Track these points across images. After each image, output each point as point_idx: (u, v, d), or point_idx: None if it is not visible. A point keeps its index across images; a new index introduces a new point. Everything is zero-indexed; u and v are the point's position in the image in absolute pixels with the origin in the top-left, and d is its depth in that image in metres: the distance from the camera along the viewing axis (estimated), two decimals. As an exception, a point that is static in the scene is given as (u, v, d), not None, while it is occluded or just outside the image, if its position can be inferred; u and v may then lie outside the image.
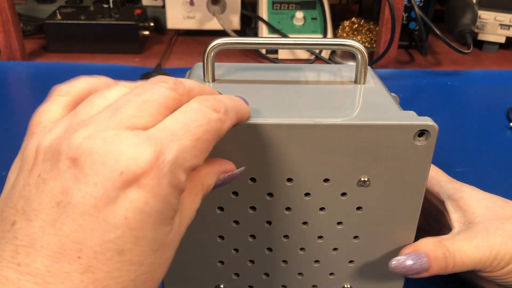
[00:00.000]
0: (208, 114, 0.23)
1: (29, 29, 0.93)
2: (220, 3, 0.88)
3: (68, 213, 0.20)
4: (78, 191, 0.20)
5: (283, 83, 0.37)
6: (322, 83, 0.38)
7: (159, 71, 0.79)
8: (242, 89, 0.36)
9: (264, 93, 0.36)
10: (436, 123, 0.30)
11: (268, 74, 0.40)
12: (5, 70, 0.80)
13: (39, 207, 0.20)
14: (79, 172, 0.20)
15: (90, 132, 0.21)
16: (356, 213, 0.33)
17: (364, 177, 0.32)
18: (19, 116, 0.69)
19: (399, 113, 0.32)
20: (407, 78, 0.81)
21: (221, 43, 0.35)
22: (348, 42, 0.36)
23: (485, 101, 0.77)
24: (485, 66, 0.89)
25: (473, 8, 0.84)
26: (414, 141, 0.30)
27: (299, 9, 0.89)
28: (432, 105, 0.74)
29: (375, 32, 0.89)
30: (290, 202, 0.33)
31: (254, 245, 0.35)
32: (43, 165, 0.21)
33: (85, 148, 0.20)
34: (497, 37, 0.92)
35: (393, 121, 0.30)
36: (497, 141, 0.65)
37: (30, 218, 0.20)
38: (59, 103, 0.25)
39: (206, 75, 0.37)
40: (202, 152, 0.23)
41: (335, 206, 0.33)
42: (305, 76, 0.40)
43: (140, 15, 0.89)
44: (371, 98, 0.35)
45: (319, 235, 0.34)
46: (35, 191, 0.21)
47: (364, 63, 0.36)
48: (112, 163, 0.20)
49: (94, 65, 0.83)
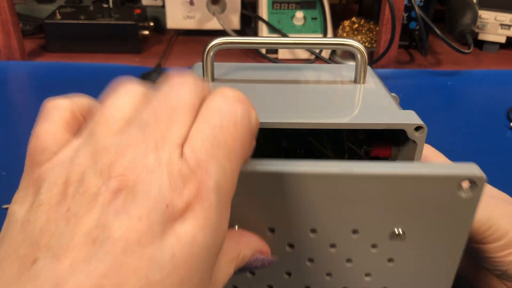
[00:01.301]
0: (236, 113, 0.21)
1: (29, 29, 0.93)
2: (220, 3, 0.88)
3: (107, 249, 0.17)
4: (120, 225, 0.17)
5: (283, 83, 0.37)
6: (322, 83, 0.38)
7: (159, 71, 0.79)
8: (241, 88, 0.36)
9: (264, 92, 0.35)
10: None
11: (268, 73, 0.39)
12: (4, 70, 0.80)
13: (70, 243, 0.17)
14: (121, 205, 0.18)
15: (129, 160, 0.19)
16: (387, 265, 0.30)
17: (398, 229, 0.28)
18: (19, 116, 0.69)
19: (399, 112, 0.32)
20: (407, 78, 0.81)
21: (220, 42, 0.35)
22: (347, 42, 0.36)
23: (485, 101, 0.77)
24: (486, 66, 0.89)
25: (474, 8, 0.84)
26: (458, 191, 0.27)
27: (299, 9, 0.88)
28: (432, 105, 0.73)
29: (375, 32, 0.89)
30: (313, 253, 0.30)
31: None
32: (73, 199, 0.18)
33: (126, 178, 0.18)
34: (497, 37, 0.92)
35: (436, 171, 0.27)
36: (497, 141, 0.65)
37: (57, 255, 0.17)
38: (58, 121, 0.22)
39: (205, 74, 0.37)
40: (240, 158, 0.21)
41: (364, 258, 0.30)
42: (305, 76, 0.40)
43: (140, 15, 0.89)
44: (371, 98, 0.35)
45: (343, 287, 0.31)
46: (64, 226, 0.18)
47: (364, 63, 0.36)
48: (157, 194, 0.18)
49: (94, 65, 0.83)
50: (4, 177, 0.54)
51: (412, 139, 0.31)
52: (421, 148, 0.32)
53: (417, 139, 0.31)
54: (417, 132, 0.31)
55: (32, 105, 0.71)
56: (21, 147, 0.68)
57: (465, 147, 0.63)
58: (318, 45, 0.38)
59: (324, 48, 0.39)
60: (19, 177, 0.23)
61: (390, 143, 0.36)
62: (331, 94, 0.36)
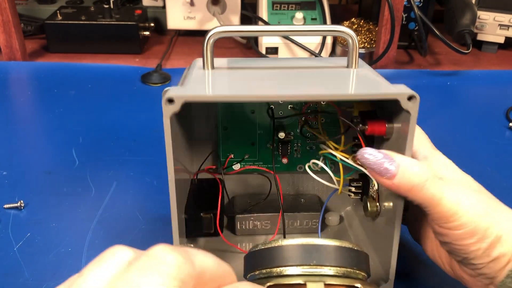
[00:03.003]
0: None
1: (30, 29, 0.93)
2: (220, 3, 0.88)
3: None
4: None
5: (280, 69, 0.39)
6: (317, 68, 0.40)
7: (159, 71, 0.79)
8: (240, 73, 0.38)
9: (262, 75, 0.37)
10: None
11: (265, 62, 0.42)
12: (5, 70, 0.81)
13: None
14: None
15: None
16: None
17: None
18: (20, 116, 0.69)
19: (391, 85, 0.34)
20: (407, 78, 0.82)
21: (220, 31, 0.37)
22: (338, 28, 0.38)
23: (484, 101, 0.77)
24: (485, 66, 0.89)
25: (473, 8, 0.84)
26: None
27: (299, 9, 0.89)
28: (431, 105, 0.74)
29: (375, 32, 0.89)
30: None
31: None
32: None
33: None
34: (496, 37, 0.92)
35: None
36: (496, 141, 0.65)
37: None
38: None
39: (205, 62, 0.38)
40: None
41: None
42: (301, 63, 0.42)
43: (140, 16, 0.89)
44: (364, 77, 0.37)
45: None
46: None
47: (355, 48, 0.38)
48: None
49: (95, 65, 0.84)
50: (4, 177, 0.55)
51: (406, 108, 0.33)
52: (415, 117, 0.33)
53: (410, 109, 0.33)
54: (410, 102, 0.33)
55: (33, 106, 0.72)
56: (22, 147, 0.69)
57: (464, 146, 0.63)
58: (311, 32, 0.40)
59: (316, 34, 0.42)
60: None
61: (383, 120, 0.37)
62: (326, 74, 0.38)
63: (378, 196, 0.40)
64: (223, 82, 0.36)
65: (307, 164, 0.41)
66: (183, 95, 0.31)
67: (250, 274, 0.29)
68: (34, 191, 0.53)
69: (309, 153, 0.46)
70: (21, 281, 0.42)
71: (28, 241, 0.46)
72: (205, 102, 0.43)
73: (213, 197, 0.42)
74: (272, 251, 0.28)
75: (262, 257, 0.28)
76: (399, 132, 0.36)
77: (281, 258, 0.27)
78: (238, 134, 0.45)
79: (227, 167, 0.46)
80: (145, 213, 0.50)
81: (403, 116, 0.34)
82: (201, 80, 0.36)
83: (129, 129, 0.65)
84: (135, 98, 0.74)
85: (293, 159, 0.47)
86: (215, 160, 0.46)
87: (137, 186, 0.54)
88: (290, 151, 0.46)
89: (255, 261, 0.29)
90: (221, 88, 0.36)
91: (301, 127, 0.45)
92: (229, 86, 0.36)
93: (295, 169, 0.47)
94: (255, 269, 0.29)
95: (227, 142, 0.45)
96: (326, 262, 0.27)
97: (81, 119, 0.68)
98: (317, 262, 0.27)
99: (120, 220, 0.49)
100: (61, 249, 0.45)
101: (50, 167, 0.57)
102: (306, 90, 0.34)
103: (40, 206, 0.51)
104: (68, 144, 0.62)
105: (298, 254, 0.27)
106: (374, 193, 0.40)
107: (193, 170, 0.45)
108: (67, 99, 0.73)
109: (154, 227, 0.48)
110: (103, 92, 0.75)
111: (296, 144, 0.46)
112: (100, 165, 0.58)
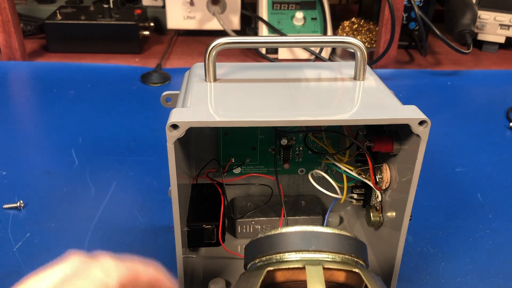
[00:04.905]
0: None
1: (30, 29, 0.93)
2: (220, 3, 0.88)
3: None
4: None
5: (284, 81, 0.38)
6: (323, 81, 0.39)
7: (159, 71, 0.79)
8: (244, 88, 0.37)
9: (267, 92, 0.36)
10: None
11: (268, 73, 0.40)
12: (5, 70, 0.81)
13: None
14: None
15: None
16: None
17: None
18: (19, 116, 0.69)
19: (402, 107, 0.33)
20: (407, 78, 0.82)
21: (222, 42, 0.35)
22: (347, 40, 0.36)
23: (484, 101, 0.77)
24: (485, 66, 0.89)
25: (473, 8, 0.84)
26: None
27: (299, 9, 0.89)
28: (432, 105, 0.74)
29: (375, 32, 0.89)
30: None
31: None
32: None
33: None
34: (496, 37, 0.92)
35: None
36: (496, 141, 0.65)
37: None
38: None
39: (207, 75, 0.37)
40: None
41: None
42: (305, 74, 0.40)
43: (140, 15, 0.89)
44: (372, 94, 0.36)
45: None
46: None
47: (364, 60, 0.37)
48: None
49: (94, 65, 0.84)
50: (3, 177, 0.55)
51: (416, 133, 0.32)
52: (425, 141, 0.32)
53: (421, 133, 0.32)
54: (421, 126, 0.32)
55: (33, 105, 0.71)
56: (21, 147, 0.69)
57: (464, 146, 0.63)
58: (318, 43, 0.39)
59: (324, 46, 0.40)
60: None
61: (391, 138, 0.36)
62: (333, 91, 0.37)
63: (382, 207, 0.39)
64: (227, 102, 0.34)
65: (309, 173, 0.41)
66: (188, 121, 0.30)
67: (250, 264, 0.29)
68: (33, 191, 0.52)
69: (311, 158, 0.46)
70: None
71: (28, 241, 0.46)
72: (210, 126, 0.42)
73: (214, 203, 0.42)
74: (271, 239, 0.28)
75: (262, 245, 0.29)
76: (407, 151, 0.35)
77: (280, 245, 0.28)
78: (239, 138, 0.44)
79: (227, 171, 0.45)
80: (144, 213, 0.50)
81: (412, 139, 0.33)
82: (204, 99, 0.35)
83: (128, 129, 0.65)
84: (134, 98, 0.74)
85: (295, 163, 0.46)
86: (215, 163, 0.46)
87: (136, 186, 0.54)
88: (291, 156, 0.45)
89: (256, 250, 0.29)
90: (226, 111, 0.33)
91: (304, 136, 0.44)
92: (234, 107, 0.34)
93: (297, 172, 0.47)
94: (255, 257, 0.29)
95: (228, 146, 0.45)
96: (325, 248, 0.27)
97: (80, 119, 0.67)
98: (316, 248, 0.27)
99: (120, 220, 0.49)
100: (61, 249, 0.45)
101: (49, 167, 0.57)
102: (314, 115, 0.32)
103: (39, 206, 0.50)
104: (67, 144, 0.61)
105: (297, 240, 0.28)
106: (377, 204, 0.40)
107: (193, 174, 0.44)
108: (67, 99, 0.72)
109: (153, 227, 0.48)
110: (102, 92, 0.75)
111: (298, 148, 0.45)
112: (100, 165, 0.58)
